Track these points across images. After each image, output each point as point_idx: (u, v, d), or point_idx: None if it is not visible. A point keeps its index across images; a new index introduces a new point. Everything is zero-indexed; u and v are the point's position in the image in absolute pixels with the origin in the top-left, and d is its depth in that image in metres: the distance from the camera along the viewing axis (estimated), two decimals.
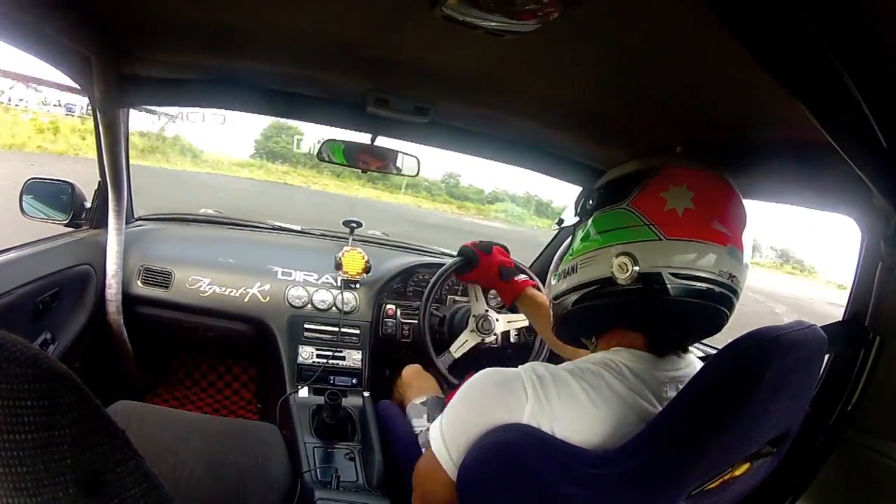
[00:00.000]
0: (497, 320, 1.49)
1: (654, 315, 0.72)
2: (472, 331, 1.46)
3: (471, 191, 25.01)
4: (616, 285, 0.72)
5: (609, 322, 0.77)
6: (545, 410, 0.67)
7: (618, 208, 0.74)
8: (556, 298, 0.83)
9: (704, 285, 0.69)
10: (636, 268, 0.70)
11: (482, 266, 1.33)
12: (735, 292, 0.72)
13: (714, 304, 0.71)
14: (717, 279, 0.69)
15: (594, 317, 0.78)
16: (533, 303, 1.27)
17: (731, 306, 0.72)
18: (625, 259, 0.71)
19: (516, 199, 25.15)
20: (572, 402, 0.67)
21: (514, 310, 1.60)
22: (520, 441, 0.67)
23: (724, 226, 0.70)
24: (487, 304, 1.56)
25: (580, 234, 0.80)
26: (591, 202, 0.79)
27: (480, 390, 0.74)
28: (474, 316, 1.47)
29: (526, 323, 1.46)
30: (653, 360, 0.72)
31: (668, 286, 0.69)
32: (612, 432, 0.65)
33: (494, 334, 1.47)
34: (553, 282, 0.84)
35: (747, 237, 0.73)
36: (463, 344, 1.44)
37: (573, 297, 0.78)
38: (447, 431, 0.75)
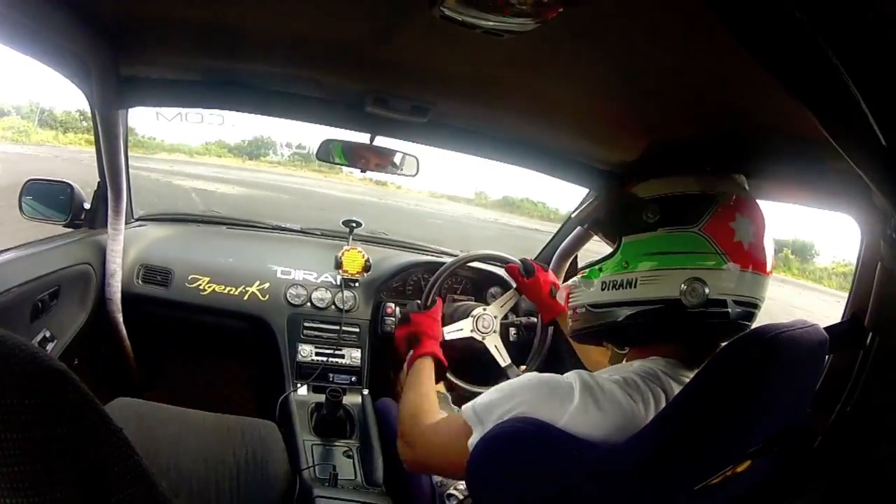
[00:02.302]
0: (496, 320, 1.48)
1: (706, 335, 0.77)
2: (472, 318, 1.44)
3: None
4: (681, 307, 0.74)
5: (659, 337, 0.79)
6: (590, 416, 0.68)
7: (689, 231, 0.75)
8: (597, 307, 0.82)
9: (753, 310, 0.76)
10: (706, 292, 0.73)
11: (537, 279, 1.37)
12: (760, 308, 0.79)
13: (750, 322, 0.76)
14: (758, 303, 0.77)
15: (646, 332, 0.79)
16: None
17: (755, 319, 0.78)
18: (696, 284, 0.73)
19: (21, 111, 20.22)
20: (619, 409, 0.68)
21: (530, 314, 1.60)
22: (528, 432, 0.68)
23: (769, 257, 0.76)
24: (486, 302, 1.56)
25: (643, 244, 0.78)
26: (648, 215, 0.78)
27: (529, 386, 0.74)
28: (473, 315, 1.46)
29: (502, 363, 1.43)
30: (685, 368, 0.76)
31: (730, 311, 0.73)
32: None
33: (485, 337, 1.45)
34: (591, 288, 0.83)
35: None
36: (457, 331, 1.40)
37: (627, 311, 0.78)
38: (479, 408, 0.75)
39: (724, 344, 0.65)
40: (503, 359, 1.40)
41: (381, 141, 1.34)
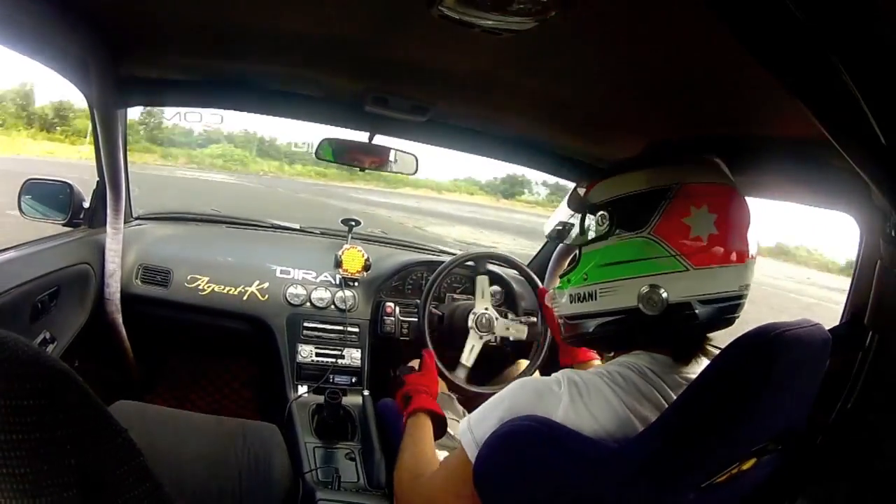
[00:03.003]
0: (496, 319, 1.48)
1: (680, 336, 0.74)
2: (473, 330, 1.46)
3: (176, 133, 18.48)
4: (643, 315, 0.72)
5: (635, 343, 0.77)
6: (580, 413, 0.68)
7: (640, 237, 0.72)
8: (571, 319, 0.82)
9: (729, 304, 0.71)
10: (665, 298, 0.70)
11: None
12: (746, 296, 0.74)
13: (732, 314, 0.73)
14: (738, 294, 0.72)
15: (619, 340, 0.78)
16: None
17: (741, 307, 0.74)
18: (652, 292, 0.71)
19: (234, 140, 19.39)
20: (605, 404, 0.68)
21: (514, 313, 1.60)
22: (534, 431, 0.68)
23: (742, 243, 0.71)
24: (489, 302, 1.56)
25: (597, 255, 0.76)
26: (600, 222, 0.76)
27: (515, 394, 0.74)
28: (473, 313, 1.46)
29: (523, 336, 1.47)
30: (671, 364, 0.74)
31: (697, 312, 0.70)
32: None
33: (493, 333, 1.46)
34: (563, 300, 0.83)
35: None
36: (471, 350, 1.43)
37: (594, 322, 0.78)
38: (475, 426, 0.74)
39: (725, 344, 0.64)
40: (520, 331, 1.45)
41: (381, 139, 1.34)
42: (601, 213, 0.76)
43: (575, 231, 0.81)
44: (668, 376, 0.72)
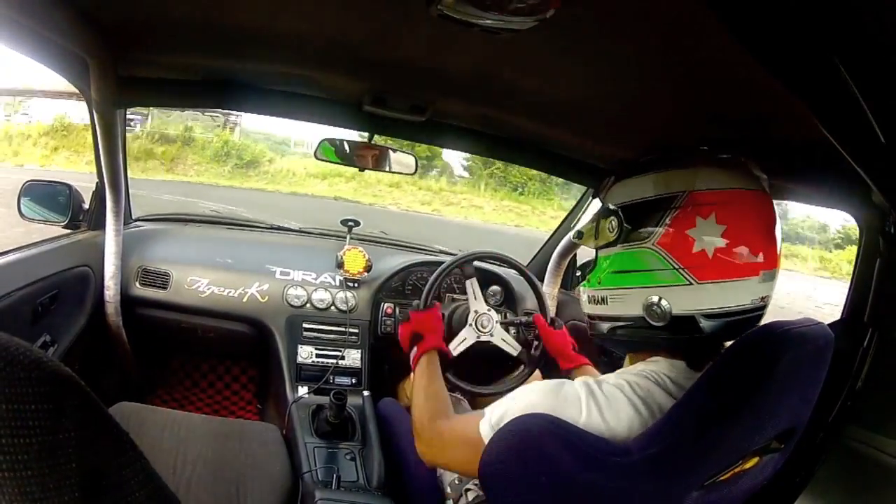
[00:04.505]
0: (497, 324, 1.48)
1: (688, 347, 0.73)
2: (471, 327, 1.45)
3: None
4: (650, 324, 0.72)
5: (645, 350, 0.77)
6: (595, 423, 0.67)
7: (643, 247, 0.72)
8: (589, 318, 0.84)
9: (738, 318, 0.69)
10: (668, 310, 0.70)
11: (564, 333, 1.33)
12: (765, 307, 0.72)
13: (747, 327, 0.71)
14: (750, 307, 0.70)
15: (628, 345, 0.79)
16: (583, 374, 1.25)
17: (760, 319, 0.72)
18: (655, 304, 0.70)
19: None
20: (621, 417, 0.67)
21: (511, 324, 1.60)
22: (540, 428, 0.68)
23: (756, 254, 0.69)
24: (487, 302, 1.56)
25: (608, 261, 0.77)
26: (611, 228, 0.75)
27: (540, 399, 0.73)
28: (475, 311, 1.46)
29: (515, 354, 1.43)
30: (687, 369, 0.73)
31: (702, 325, 0.69)
32: None
33: (491, 335, 1.45)
34: (584, 298, 0.84)
35: (779, 246, 0.72)
36: (462, 342, 1.42)
37: (606, 325, 0.79)
38: (495, 421, 0.74)
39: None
40: (514, 348, 1.40)
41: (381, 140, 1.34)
42: (612, 217, 0.75)
43: (590, 232, 0.81)
44: (686, 381, 0.71)
